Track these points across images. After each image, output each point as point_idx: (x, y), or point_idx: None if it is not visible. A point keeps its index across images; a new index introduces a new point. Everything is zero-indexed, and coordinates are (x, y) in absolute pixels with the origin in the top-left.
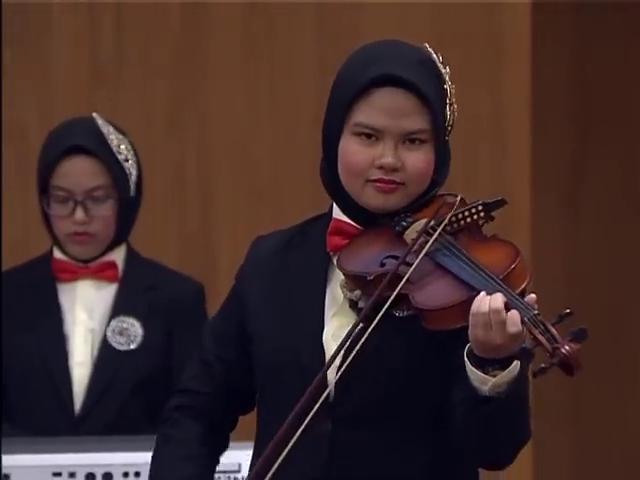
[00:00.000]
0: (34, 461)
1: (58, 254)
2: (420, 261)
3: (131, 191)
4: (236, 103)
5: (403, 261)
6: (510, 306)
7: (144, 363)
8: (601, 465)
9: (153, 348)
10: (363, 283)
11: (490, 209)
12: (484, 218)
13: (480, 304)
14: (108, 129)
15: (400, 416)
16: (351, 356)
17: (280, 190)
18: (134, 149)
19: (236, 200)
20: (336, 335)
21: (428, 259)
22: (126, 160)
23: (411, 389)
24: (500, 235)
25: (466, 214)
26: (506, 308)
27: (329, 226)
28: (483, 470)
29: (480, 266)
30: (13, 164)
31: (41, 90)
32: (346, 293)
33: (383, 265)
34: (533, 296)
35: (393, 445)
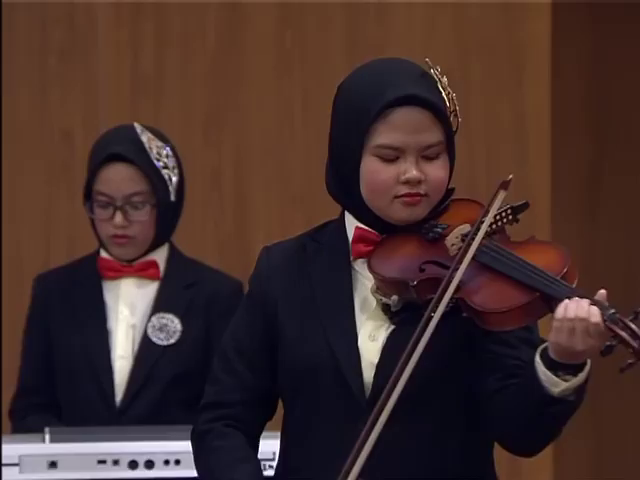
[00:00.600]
0: (80, 449)
1: (104, 254)
2: (467, 265)
3: (171, 196)
4: (270, 113)
5: (456, 266)
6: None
7: (182, 357)
8: (619, 468)
9: (191, 343)
10: (404, 288)
11: (517, 212)
12: (511, 221)
13: (567, 310)
14: (147, 137)
15: (431, 410)
16: (415, 357)
17: (312, 195)
18: (176, 155)
19: (270, 204)
20: (372, 336)
21: (474, 262)
22: (165, 167)
23: (442, 384)
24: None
25: (497, 217)
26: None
27: (353, 234)
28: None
29: (537, 267)
30: (60, 169)
31: (86, 99)
32: (379, 298)
33: (423, 270)
34: (603, 292)
35: (425, 438)
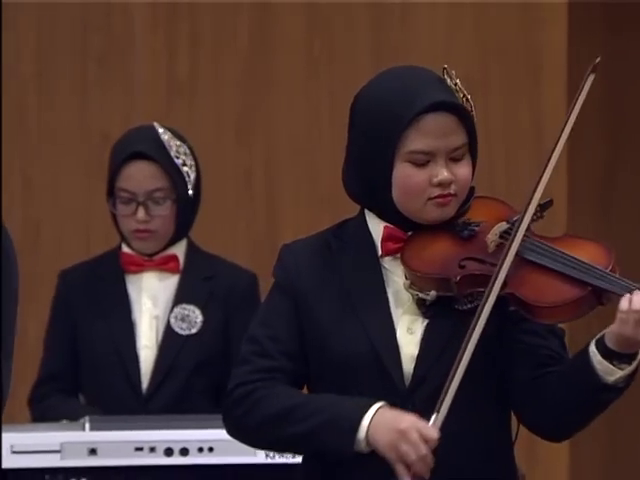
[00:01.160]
0: (118, 437)
1: (126, 249)
2: (512, 260)
3: (189, 192)
4: (299, 116)
5: (502, 262)
6: None
7: (204, 346)
8: (634, 465)
9: (212, 332)
10: (443, 284)
11: (544, 209)
12: (537, 218)
13: (632, 303)
14: (168, 136)
15: (466, 400)
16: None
17: (339, 196)
18: (193, 154)
19: (299, 204)
20: (410, 329)
21: (519, 258)
22: (184, 164)
23: (476, 374)
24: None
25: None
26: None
27: (382, 232)
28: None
29: (585, 261)
30: (98, 169)
31: (123, 102)
32: (415, 293)
33: (462, 267)
34: None
35: (461, 427)
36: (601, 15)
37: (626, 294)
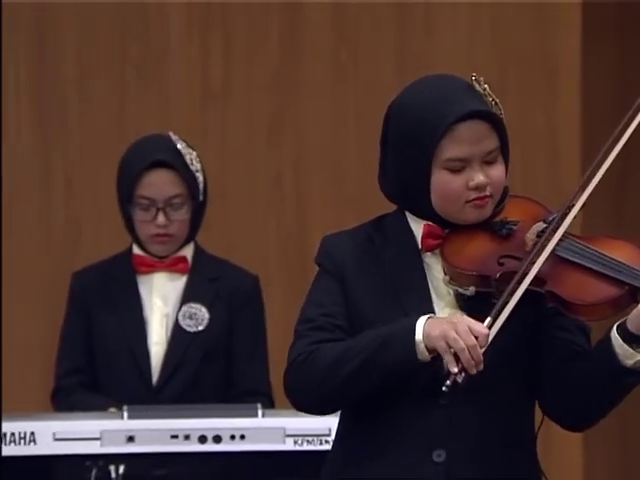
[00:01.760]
0: (155, 425)
1: (137, 250)
2: (551, 259)
3: (200, 197)
4: (327, 119)
5: (532, 260)
6: None
7: (210, 342)
8: None
9: (217, 329)
10: (482, 280)
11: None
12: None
13: None
14: (182, 145)
15: (496, 389)
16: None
17: (365, 197)
18: (201, 161)
19: (327, 205)
20: None
21: (557, 257)
22: (197, 171)
23: (507, 364)
24: None
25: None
26: None
27: (423, 230)
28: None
29: (622, 261)
30: None
31: (160, 108)
32: (455, 288)
33: (501, 264)
34: None
35: (489, 416)
36: (614, 15)
37: None
